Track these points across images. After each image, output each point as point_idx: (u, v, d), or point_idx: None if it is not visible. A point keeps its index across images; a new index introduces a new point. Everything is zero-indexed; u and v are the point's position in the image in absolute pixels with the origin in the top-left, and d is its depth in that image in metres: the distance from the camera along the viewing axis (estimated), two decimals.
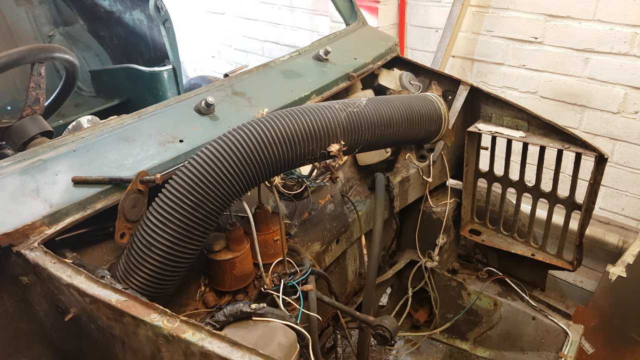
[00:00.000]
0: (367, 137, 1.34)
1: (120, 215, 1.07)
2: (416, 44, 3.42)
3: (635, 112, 2.65)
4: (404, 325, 2.22)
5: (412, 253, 2.10)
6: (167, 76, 2.80)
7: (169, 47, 2.72)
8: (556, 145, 1.73)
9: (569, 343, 1.85)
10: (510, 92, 3.06)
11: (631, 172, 2.77)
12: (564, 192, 1.83)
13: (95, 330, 0.94)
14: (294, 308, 1.28)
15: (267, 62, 1.68)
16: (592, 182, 1.72)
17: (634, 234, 2.56)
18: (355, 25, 2.10)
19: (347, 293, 1.88)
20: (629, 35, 2.54)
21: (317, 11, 3.85)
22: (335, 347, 1.70)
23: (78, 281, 0.91)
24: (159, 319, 0.83)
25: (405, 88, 1.94)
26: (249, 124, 1.15)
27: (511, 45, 2.96)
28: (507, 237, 2.04)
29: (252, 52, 4.52)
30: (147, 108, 1.33)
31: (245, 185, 1.13)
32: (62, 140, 1.18)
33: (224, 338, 0.79)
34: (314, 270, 1.38)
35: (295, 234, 1.54)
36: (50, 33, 3.08)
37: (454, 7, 2.99)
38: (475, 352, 2.12)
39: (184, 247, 1.08)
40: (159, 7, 2.65)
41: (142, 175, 1.08)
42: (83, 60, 3.14)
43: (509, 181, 1.97)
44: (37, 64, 1.45)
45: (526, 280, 2.08)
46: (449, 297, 2.12)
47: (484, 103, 1.92)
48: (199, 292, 1.27)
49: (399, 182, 1.83)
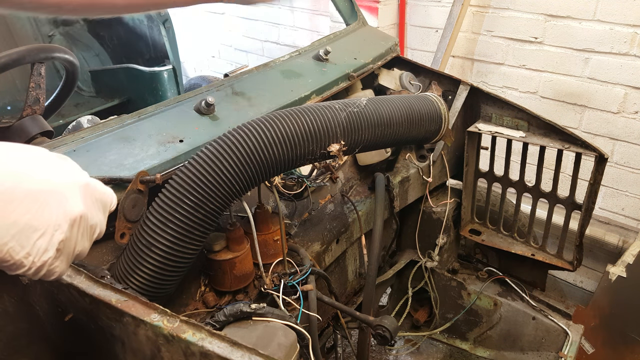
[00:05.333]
0: (367, 137, 1.34)
1: (120, 215, 1.07)
2: (416, 44, 3.42)
3: (635, 112, 2.65)
4: (404, 325, 2.22)
5: (412, 253, 2.10)
6: (167, 76, 2.80)
7: (169, 47, 2.72)
8: (556, 145, 1.73)
9: (569, 343, 1.85)
10: (510, 92, 3.06)
11: (631, 172, 2.77)
12: (564, 192, 1.83)
13: (95, 330, 0.94)
14: (294, 308, 1.28)
15: (267, 62, 1.68)
16: (592, 182, 1.72)
17: (634, 234, 2.56)
18: (355, 25, 2.10)
19: (347, 293, 1.88)
20: (629, 35, 2.54)
21: (317, 11, 3.85)
22: (335, 347, 1.70)
23: (78, 281, 0.91)
24: (159, 319, 0.83)
25: (405, 88, 1.94)
26: (249, 124, 1.15)
27: (511, 45, 2.96)
28: (507, 237, 2.04)
29: (252, 52, 4.52)
30: (147, 108, 1.33)
31: (245, 185, 1.13)
32: (62, 140, 1.18)
33: (224, 338, 0.79)
34: (314, 270, 1.38)
35: (295, 234, 1.54)
36: (50, 33, 3.08)
37: (454, 7, 2.99)
38: (475, 352, 2.12)
39: (184, 247, 1.08)
40: None
41: (142, 175, 1.08)
42: (83, 60, 3.14)
43: (509, 181, 1.97)
44: (37, 64, 1.45)
45: (526, 280, 2.08)
46: (449, 297, 2.12)
47: (484, 103, 1.92)
48: (199, 292, 1.27)
49: (399, 182, 1.83)
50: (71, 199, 0.69)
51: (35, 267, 0.67)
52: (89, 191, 0.73)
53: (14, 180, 0.64)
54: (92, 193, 0.73)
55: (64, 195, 0.68)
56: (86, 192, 0.72)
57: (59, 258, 0.69)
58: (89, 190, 0.73)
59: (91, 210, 0.73)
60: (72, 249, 0.70)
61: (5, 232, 0.63)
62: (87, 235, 0.73)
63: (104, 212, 0.77)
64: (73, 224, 0.69)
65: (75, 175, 0.71)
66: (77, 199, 0.70)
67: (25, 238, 0.65)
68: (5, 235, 0.63)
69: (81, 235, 0.71)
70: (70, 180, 0.70)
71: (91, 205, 0.73)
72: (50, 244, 0.67)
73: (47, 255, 0.67)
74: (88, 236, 0.73)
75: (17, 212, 0.64)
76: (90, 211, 0.72)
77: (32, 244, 0.65)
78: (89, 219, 0.72)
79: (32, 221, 0.65)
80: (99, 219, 0.75)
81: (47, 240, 0.66)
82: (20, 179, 0.64)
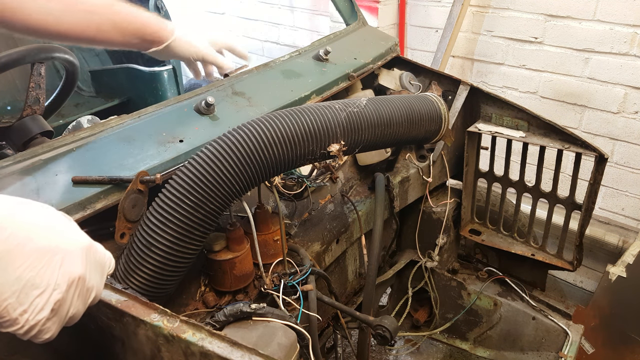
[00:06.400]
0: (367, 137, 1.34)
1: (120, 215, 1.07)
2: (416, 44, 3.42)
3: (635, 112, 2.65)
4: (404, 325, 2.22)
5: (412, 253, 2.10)
6: (167, 76, 2.80)
7: None
8: (556, 145, 1.73)
9: (569, 343, 1.85)
10: (510, 92, 3.06)
11: (631, 172, 2.77)
12: (564, 192, 1.83)
13: (95, 330, 0.94)
14: (294, 308, 1.28)
15: (267, 62, 1.68)
16: (592, 182, 1.72)
17: (634, 234, 2.56)
18: (355, 25, 2.10)
19: (347, 293, 1.88)
20: (629, 35, 2.54)
21: (317, 11, 3.85)
22: (335, 347, 1.70)
23: None
24: (159, 319, 0.83)
25: (405, 88, 1.94)
26: (249, 124, 1.15)
27: (511, 45, 2.96)
28: (507, 237, 2.04)
29: (252, 52, 4.52)
30: (147, 108, 1.33)
31: (245, 185, 1.13)
32: (62, 140, 1.18)
33: (224, 338, 0.79)
34: (314, 270, 1.38)
35: (295, 234, 1.54)
36: None
37: (454, 7, 2.99)
38: (475, 352, 2.12)
39: (184, 247, 1.08)
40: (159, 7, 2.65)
41: (142, 175, 1.08)
42: (83, 60, 3.14)
43: (509, 181, 1.97)
44: (37, 64, 1.45)
45: (526, 280, 2.08)
46: (449, 297, 2.12)
47: (484, 103, 1.92)
48: (199, 292, 1.27)
49: (399, 182, 1.83)
50: (73, 259, 0.69)
51: (28, 325, 0.66)
52: (91, 253, 0.73)
53: (24, 237, 0.64)
54: (93, 255, 0.74)
55: (67, 256, 0.68)
56: (88, 254, 0.72)
57: (52, 319, 0.68)
58: (91, 253, 0.73)
59: (90, 273, 0.72)
60: (66, 310, 0.70)
61: (8, 288, 0.63)
62: (83, 298, 0.72)
63: (102, 275, 0.77)
64: (71, 284, 0.69)
65: (79, 236, 0.72)
66: (78, 260, 0.70)
67: (25, 295, 0.64)
68: (7, 291, 0.63)
69: (77, 297, 0.71)
70: (74, 241, 0.71)
71: (91, 268, 0.73)
72: (47, 303, 0.66)
73: (42, 314, 0.66)
74: (83, 299, 0.72)
75: (22, 268, 0.64)
76: (89, 273, 0.72)
77: (30, 302, 0.65)
78: (87, 281, 0.72)
79: (35, 279, 0.65)
80: (96, 282, 0.74)
81: (45, 298, 0.66)
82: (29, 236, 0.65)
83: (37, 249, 0.65)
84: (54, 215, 0.71)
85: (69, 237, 0.70)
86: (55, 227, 0.69)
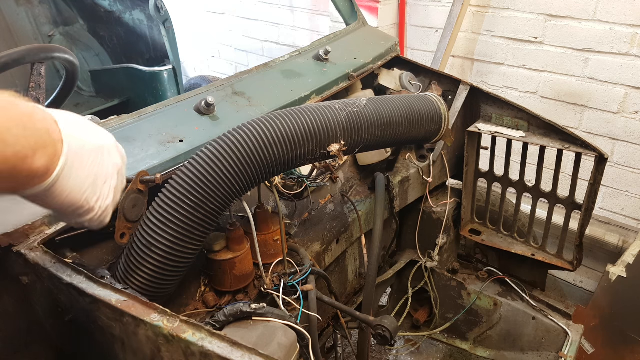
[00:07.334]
0: (367, 137, 1.34)
1: (120, 215, 1.07)
2: (416, 44, 3.42)
3: (635, 112, 2.65)
4: (404, 325, 2.22)
5: (412, 253, 2.10)
6: (167, 76, 2.79)
7: (169, 47, 2.72)
8: (556, 145, 1.73)
9: (569, 343, 1.85)
10: (510, 92, 3.06)
11: (631, 172, 2.77)
12: (564, 192, 1.83)
13: (95, 330, 0.94)
14: (294, 308, 1.28)
15: (267, 62, 1.68)
16: (592, 182, 1.72)
17: (634, 234, 2.56)
18: (355, 25, 2.10)
19: (347, 293, 1.88)
20: (629, 35, 2.54)
21: (317, 11, 3.85)
22: (335, 347, 1.70)
23: (78, 281, 0.91)
24: (159, 319, 0.83)
25: (405, 88, 1.94)
26: (249, 124, 1.15)
27: (511, 45, 2.96)
28: (507, 237, 2.04)
29: (252, 52, 4.52)
30: (147, 108, 1.33)
31: (245, 185, 1.13)
32: None
33: (224, 338, 0.79)
34: (314, 270, 1.38)
35: (295, 234, 1.54)
36: (50, 33, 3.08)
37: (454, 7, 2.99)
38: (475, 352, 2.12)
39: (184, 247, 1.08)
40: (159, 7, 2.65)
41: (142, 175, 1.08)
42: (83, 60, 3.15)
43: (509, 181, 1.97)
44: (37, 64, 1.45)
45: (526, 280, 2.08)
46: (449, 297, 2.12)
47: (484, 103, 1.92)
48: (199, 292, 1.27)
49: (399, 182, 1.83)
50: (113, 152, 0.83)
51: (101, 211, 0.80)
52: (119, 147, 0.87)
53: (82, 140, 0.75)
54: (120, 149, 0.88)
55: (110, 150, 0.82)
56: (118, 147, 0.86)
57: (112, 204, 0.82)
58: (119, 148, 0.87)
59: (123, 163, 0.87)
60: (119, 194, 0.85)
61: (84, 182, 0.75)
62: (122, 184, 0.87)
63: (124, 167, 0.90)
64: (117, 172, 0.83)
65: (110, 136, 0.84)
66: (116, 153, 0.84)
67: (96, 186, 0.77)
68: (85, 184, 0.75)
69: (120, 183, 0.85)
70: (109, 137, 0.83)
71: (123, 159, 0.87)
72: (110, 190, 0.81)
73: (109, 199, 0.81)
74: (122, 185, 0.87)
75: (90, 164, 0.76)
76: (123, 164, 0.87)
77: (100, 191, 0.78)
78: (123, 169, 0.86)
79: (99, 172, 0.78)
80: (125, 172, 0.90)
81: (108, 186, 0.80)
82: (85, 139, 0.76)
83: (92, 149, 0.77)
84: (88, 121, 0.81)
85: (105, 134, 0.83)
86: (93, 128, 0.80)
